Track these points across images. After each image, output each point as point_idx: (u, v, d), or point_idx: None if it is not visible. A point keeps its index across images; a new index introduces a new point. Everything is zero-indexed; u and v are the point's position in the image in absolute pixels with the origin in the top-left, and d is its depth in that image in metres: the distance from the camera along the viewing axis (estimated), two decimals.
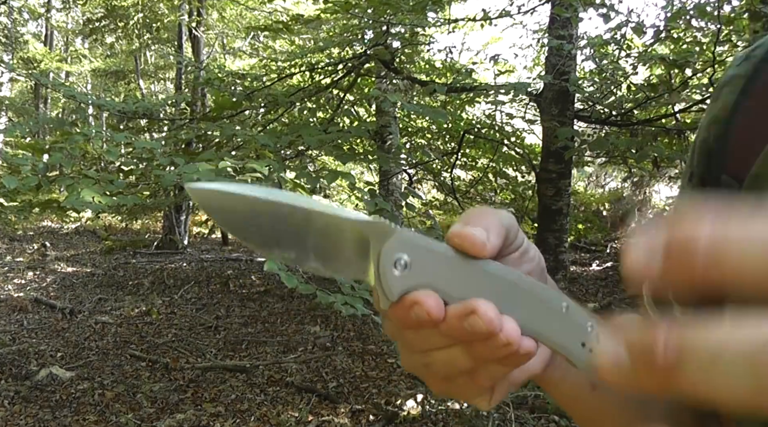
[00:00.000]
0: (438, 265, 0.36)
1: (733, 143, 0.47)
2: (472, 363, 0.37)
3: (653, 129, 5.25)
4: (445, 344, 0.37)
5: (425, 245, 0.36)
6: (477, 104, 6.60)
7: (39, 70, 13.44)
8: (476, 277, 0.36)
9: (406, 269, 0.35)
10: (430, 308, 0.34)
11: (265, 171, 3.38)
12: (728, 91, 0.50)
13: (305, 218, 0.37)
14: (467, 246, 0.36)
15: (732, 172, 0.46)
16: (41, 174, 3.51)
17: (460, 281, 0.36)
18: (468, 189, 7.72)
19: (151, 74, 16.45)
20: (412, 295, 0.35)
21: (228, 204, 0.37)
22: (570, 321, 0.36)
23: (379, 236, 0.36)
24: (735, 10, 4.56)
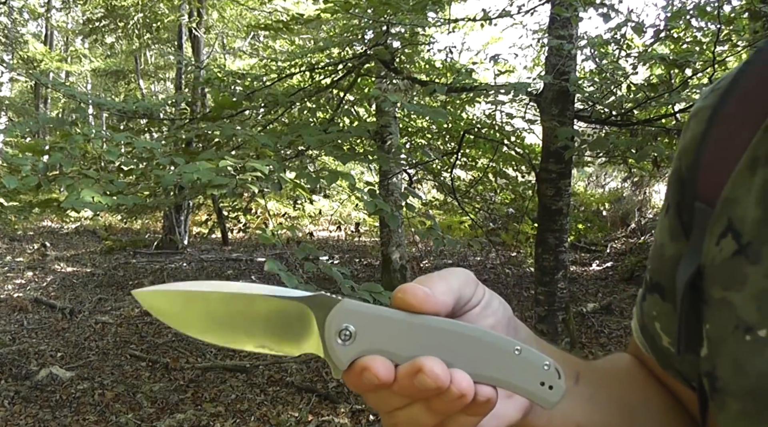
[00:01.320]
0: (384, 329, 0.37)
1: (703, 171, 0.49)
2: (435, 418, 0.38)
3: (653, 129, 5.25)
4: (404, 403, 0.38)
5: (368, 311, 0.37)
6: (477, 104, 6.59)
7: (39, 70, 13.44)
8: (423, 334, 0.37)
9: (351, 338, 0.37)
10: (378, 373, 0.36)
11: (266, 170, 3.37)
12: (695, 122, 0.52)
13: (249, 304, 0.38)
14: (409, 299, 0.37)
15: (704, 198, 0.48)
16: (41, 174, 3.51)
17: (408, 341, 0.37)
18: (468, 189, 7.72)
19: (151, 74, 16.45)
20: (360, 361, 0.36)
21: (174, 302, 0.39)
22: (524, 363, 0.38)
23: (321, 309, 0.38)
24: (735, 10, 4.56)
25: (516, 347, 0.38)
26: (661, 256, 0.54)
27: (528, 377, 0.38)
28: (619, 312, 5.97)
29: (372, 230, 11.65)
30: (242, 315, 0.39)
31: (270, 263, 3.08)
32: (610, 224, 10.33)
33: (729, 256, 0.44)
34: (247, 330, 0.39)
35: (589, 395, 0.52)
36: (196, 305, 0.39)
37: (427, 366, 0.35)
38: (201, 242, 10.86)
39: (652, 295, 0.55)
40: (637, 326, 0.58)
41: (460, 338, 0.37)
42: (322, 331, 0.38)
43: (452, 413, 0.37)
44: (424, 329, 0.37)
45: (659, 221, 0.56)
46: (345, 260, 8.93)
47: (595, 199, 11.26)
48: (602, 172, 11.66)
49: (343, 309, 0.37)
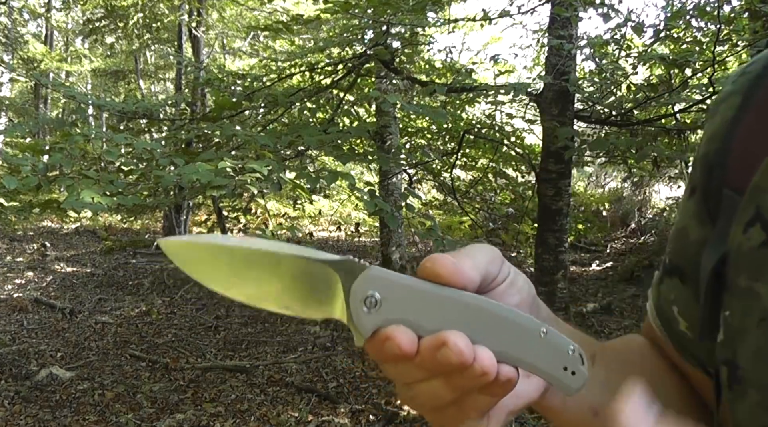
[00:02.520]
0: (410, 299, 0.36)
1: (732, 157, 0.48)
2: (454, 394, 0.37)
3: (653, 129, 5.25)
4: (424, 376, 0.37)
5: (396, 280, 0.37)
6: (477, 104, 6.59)
7: (39, 70, 13.44)
8: (449, 308, 0.36)
9: (377, 306, 0.36)
10: (401, 343, 0.35)
11: (265, 171, 3.37)
12: (726, 107, 0.50)
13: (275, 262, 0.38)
14: (438, 269, 0.36)
15: (732, 185, 0.47)
16: (41, 174, 3.51)
17: (433, 314, 0.36)
18: (468, 189, 7.72)
19: (151, 74, 16.45)
20: (383, 331, 0.36)
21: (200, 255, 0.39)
22: (549, 346, 0.37)
23: (348, 274, 0.37)
24: (735, 10, 4.56)
25: (542, 329, 0.37)
26: (684, 239, 0.53)
27: (552, 360, 0.37)
28: (619, 312, 5.97)
29: (372, 230, 11.66)
30: (268, 274, 0.38)
31: None
32: (610, 224, 10.33)
33: (757, 245, 0.43)
34: (272, 289, 0.38)
35: (603, 378, 0.52)
36: (221, 258, 0.38)
37: (452, 341, 0.35)
38: None
39: (671, 278, 0.54)
40: (653, 308, 0.58)
41: (487, 315, 0.37)
42: (347, 296, 0.37)
43: (472, 390, 0.37)
44: (451, 303, 0.36)
45: (681, 204, 0.55)
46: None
47: (595, 199, 11.26)
48: (602, 172, 11.66)
49: (370, 276, 0.37)
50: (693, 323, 0.51)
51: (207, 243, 0.39)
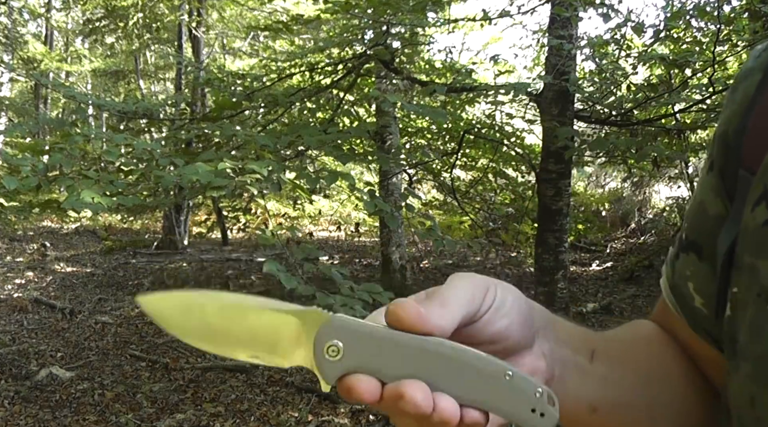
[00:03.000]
0: (372, 347, 0.37)
1: (748, 137, 0.48)
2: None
3: (653, 129, 5.25)
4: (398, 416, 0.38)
5: (358, 328, 0.38)
6: (477, 104, 6.59)
7: (39, 70, 13.44)
8: (411, 356, 0.37)
9: (340, 354, 0.37)
10: (363, 393, 0.36)
11: (265, 172, 3.37)
12: (746, 85, 0.50)
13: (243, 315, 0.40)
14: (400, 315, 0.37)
15: (747, 166, 0.47)
16: (41, 174, 3.51)
17: (395, 362, 0.37)
18: (468, 189, 7.72)
19: (151, 74, 16.45)
20: (346, 380, 0.37)
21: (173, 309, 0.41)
22: (515, 389, 0.37)
23: (312, 323, 0.38)
24: (735, 10, 4.56)
25: (507, 371, 0.37)
26: (703, 213, 0.52)
27: (518, 403, 0.37)
28: (619, 312, 5.97)
29: (372, 230, 11.65)
30: (236, 326, 0.40)
31: (269, 264, 3.08)
32: (610, 224, 10.33)
33: (761, 223, 0.43)
34: (240, 341, 0.40)
35: (603, 374, 0.52)
36: (194, 313, 0.40)
37: (408, 394, 0.36)
38: (201, 242, 10.86)
39: (687, 254, 0.54)
40: (667, 285, 0.57)
41: (449, 362, 0.37)
42: (311, 345, 0.38)
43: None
44: (412, 350, 0.37)
45: (700, 179, 0.54)
46: (345, 261, 8.93)
47: (595, 199, 11.26)
48: (602, 172, 11.66)
49: (332, 325, 0.38)
50: (709, 299, 0.50)
51: (180, 298, 0.41)
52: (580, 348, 0.51)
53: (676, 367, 0.56)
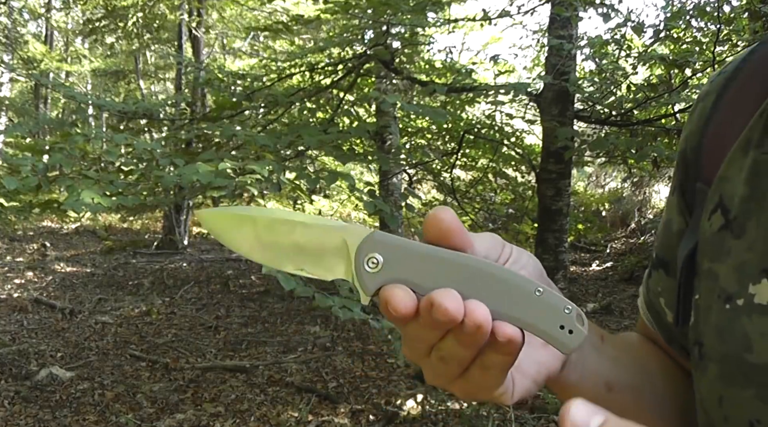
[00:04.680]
0: (409, 260, 0.39)
1: (705, 153, 0.51)
2: (469, 351, 0.39)
3: (653, 129, 5.25)
4: (438, 335, 0.39)
5: (398, 243, 0.40)
6: (477, 104, 6.59)
7: (39, 70, 13.43)
8: (446, 268, 0.38)
9: (379, 267, 0.39)
10: (398, 303, 0.38)
11: (265, 172, 3.38)
12: (702, 106, 0.54)
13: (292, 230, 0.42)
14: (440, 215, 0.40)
15: (704, 179, 0.50)
16: (41, 174, 3.51)
17: (430, 274, 0.38)
18: (468, 189, 7.72)
19: (151, 74, 16.44)
20: (384, 290, 0.39)
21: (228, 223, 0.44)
22: (545, 305, 0.38)
23: (354, 238, 0.40)
24: (735, 10, 4.56)
25: (538, 288, 0.38)
26: (668, 231, 0.55)
27: (548, 319, 0.38)
28: (619, 312, 5.97)
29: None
30: (285, 239, 0.42)
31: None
32: (610, 224, 10.33)
33: (716, 230, 0.46)
34: (287, 253, 0.42)
35: (614, 356, 0.53)
36: (245, 227, 0.43)
37: (437, 300, 0.36)
38: (201, 242, 10.86)
39: (657, 271, 0.57)
40: (644, 303, 0.60)
41: (482, 274, 0.38)
42: (354, 258, 0.40)
43: (480, 345, 0.38)
44: (447, 263, 0.38)
45: (667, 200, 0.58)
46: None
47: (595, 199, 11.25)
48: (602, 172, 11.66)
49: (373, 239, 0.40)
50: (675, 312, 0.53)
51: (234, 213, 0.44)
52: (593, 330, 0.52)
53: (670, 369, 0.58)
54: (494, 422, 3.50)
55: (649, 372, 0.56)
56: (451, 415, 3.67)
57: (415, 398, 3.89)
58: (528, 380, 0.44)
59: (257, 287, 7.09)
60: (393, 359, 4.56)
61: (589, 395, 0.49)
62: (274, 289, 6.75)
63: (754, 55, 0.52)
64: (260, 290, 6.95)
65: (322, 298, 3.14)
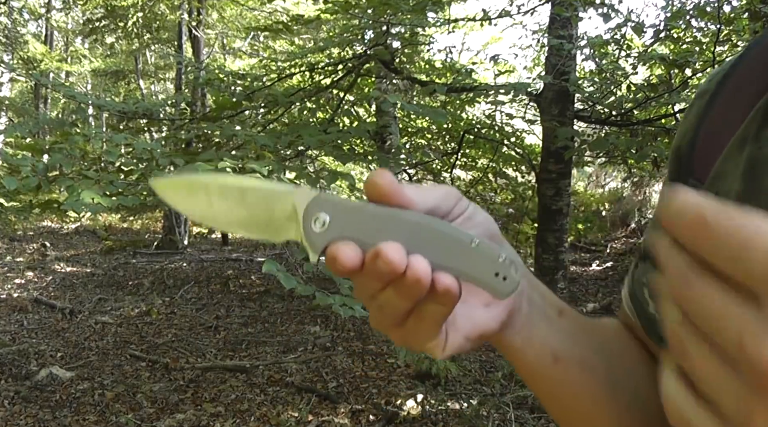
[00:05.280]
0: (354, 218, 0.41)
1: (699, 150, 0.52)
2: (407, 303, 0.41)
3: (653, 129, 5.25)
4: (378, 287, 0.41)
5: (341, 202, 0.42)
6: (477, 104, 6.59)
7: (39, 70, 13.43)
8: (389, 224, 0.41)
9: (325, 226, 0.41)
10: (344, 258, 0.39)
11: (265, 171, 3.37)
12: (698, 104, 0.55)
13: (242, 193, 0.44)
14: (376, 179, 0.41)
15: (698, 175, 0.51)
16: (41, 174, 3.51)
17: (374, 230, 0.41)
18: (468, 189, 7.72)
19: (151, 74, 16.44)
20: (331, 248, 0.40)
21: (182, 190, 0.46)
22: (480, 254, 0.40)
23: (302, 199, 0.42)
24: (735, 10, 4.56)
25: (474, 240, 0.40)
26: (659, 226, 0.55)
27: (484, 268, 0.40)
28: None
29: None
30: (235, 204, 0.44)
31: (268, 265, 3.08)
32: (610, 224, 10.32)
33: None
34: (239, 217, 0.44)
35: (569, 330, 0.53)
36: (198, 193, 0.45)
37: (383, 251, 0.38)
38: (201, 242, 10.86)
39: (644, 262, 0.57)
40: (627, 293, 0.60)
41: (422, 229, 0.40)
42: (301, 218, 0.42)
43: (418, 297, 0.40)
44: (390, 220, 0.40)
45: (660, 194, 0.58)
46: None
47: (595, 199, 11.25)
48: (602, 172, 11.66)
49: (319, 199, 0.42)
50: None
51: (187, 180, 0.45)
52: (550, 302, 0.53)
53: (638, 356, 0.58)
54: (494, 422, 3.50)
55: (610, 354, 0.56)
56: (451, 415, 3.67)
57: (415, 398, 3.89)
58: (460, 336, 0.45)
59: (257, 287, 7.09)
60: (393, 359, 4.56)
61: (532, 360, 0.51)
62: (274, 289, 6.75)
63: (750, 53, 0.52)
64: (260, 290, 6.95)
65: (323, 296, 3.15)
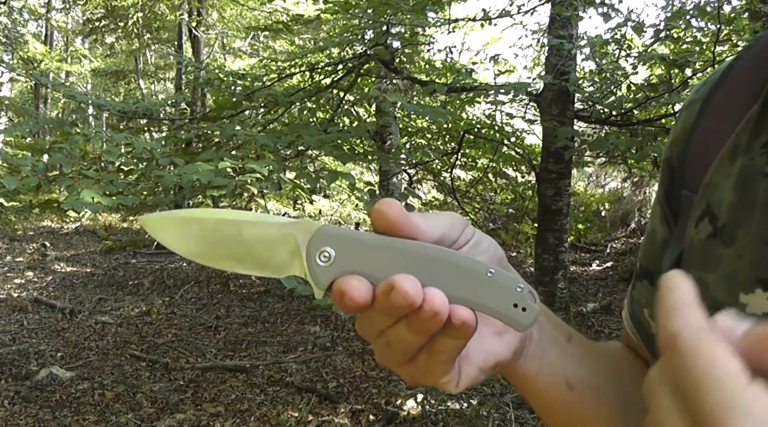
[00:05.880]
0: (361, 251, 0.39)
1: (691, 160, 0.51)
2: (420, 338, 0.39)
3: (653, 129, 5.24)
4: (388, 322, 0.39)
5: (347, 235, 0.40)
6: (477, 104, 6.59)
7: (39, 70, 13.43)
8: (399, 257, 0.38)
9: (331, 260, 0.39)
10: (354, 292, 0.37)
11: (265, 172, 3.37)
12: (687, 114, 0.54)
13: (238, 230, 0.41)
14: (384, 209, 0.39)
15: (690, 186, 0.50)
16: (41, 174, 3.51)
17: (384, 263, 0.38)
18: (468, 189, 7.72)
19: (151, 74, 16.44)
20: (338, 283, 0.38)
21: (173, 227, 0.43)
22: (497, 285, 0.39)
23: (304, 233, 0.40)
24: (735, 10, 4.56)
25: (489, 269, 0.39)
26: (653, 242, 0.55)
27: (501, 298, 0.39)
28: (619, 312, 5.96)
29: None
30: (232, 240, 0.41)
31: None
32: (610, 224, 10.32)
33: (704, 238, 0.46)
34: (236, 254, 0.42)
35: (579, 355, 0.52)
36: (192, 229, 0.42)
37: (399, 284, 0.36)
38: None
39: (641, 282, 0.56)
40: (628, 314, 0.59)
41: (434, 260, 0.38)
42: (304, 254, 0.40)
43: (433, 332, 0.38)
44: (399, 252, 0.38)
45: (652, 209, 0.57)
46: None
47: (595, 199, 11.25)
48: (602, 172, 11.66)
49: (322, 233, 0.40)
50: None
51: (180, 216, 0.43)
52: (558, 327, 0.52)
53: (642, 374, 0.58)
54: (494, 422, 3.50)
55: (620, 378, 0.55)
56: (451, 415, 3.67)
57: (415, 398, 3.89)
58: (473, 368, 0.43)
59: (257, 287, 7.09)
60: None
61: (546, 388, 0.49)
62: (274, 289, 6.75)
63: (740, 62, 0.51)
64: (260, 290, 6.95)
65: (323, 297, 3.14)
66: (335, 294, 0.38)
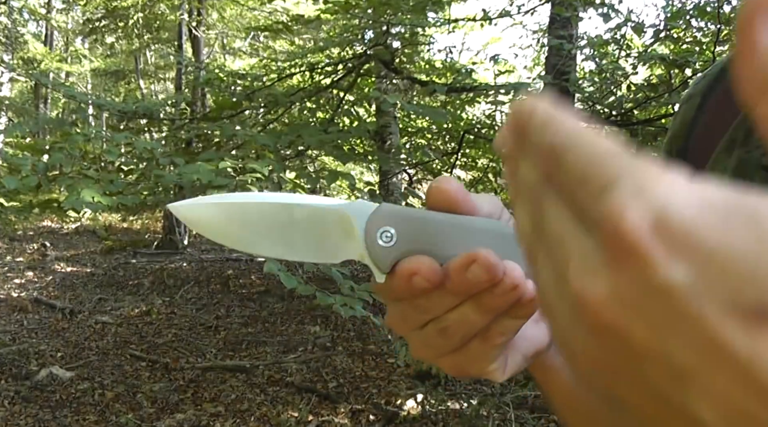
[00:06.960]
0: (424, 229, 0.36)
1: (690, 154, 0.52)
2: (485, 318, 0.37)
3: (653, 129, 5.24)
4: (454, 303, 0.37)
5: (408, 213, 0.37)
6: (477, 104, 6.59)
7: (39, 70, 13.43)
8: (465, 233, 0.36)
9: (393, 240, 0.36)
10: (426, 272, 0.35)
11: (265, 171, 3.38)
12: (686, 109, 0.54)
13: (288, 213, 0.38)
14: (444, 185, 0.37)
15: None
16: (41, 174, 3.52)
17: (450, 240, 0.36)
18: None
19: (151, 74, 16.45)
20: (405, 265, 0.35)
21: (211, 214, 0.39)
22: None
23: (361, 214, 0.37)
24: (735, 10, 4.56)
25: None
26: None
27: None
28: None
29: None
30: (281, 225, 0.38)
31: (269, 264, 3.08)
32: None
33: None
34: (286, 240, 0.39)
35: None
36: (233, 216, 0.39)
37: (482, 256, 0.34)
38: (201, 242, 10.86)
39: None
40: None
41: (499, 236, 0.36)
42: (363, 235, 0.37)
43: (502, 310, 0.36)
44: (465, 228, 0.36)
45: None
46: (345, 260, 8.92)
47: None
48: None
49: (382, 211, 0.37)
50: None
51: (218, 202, 0.39)
52: None
53: None
54: (494, 422, 3.50)
55: None
56: (451, 415, 3.67)
57: (415, 398, 3.89)
58: (519, 355, 0.42)
59: (257, 287, 7.09)
60: (393, 359, 4.56)
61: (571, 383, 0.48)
62: (274, 289, 6.75)
63: None
64: (260, 289, 6.95)
65: (323, 296, 3.15)
66: (402, 276, 0.36)
